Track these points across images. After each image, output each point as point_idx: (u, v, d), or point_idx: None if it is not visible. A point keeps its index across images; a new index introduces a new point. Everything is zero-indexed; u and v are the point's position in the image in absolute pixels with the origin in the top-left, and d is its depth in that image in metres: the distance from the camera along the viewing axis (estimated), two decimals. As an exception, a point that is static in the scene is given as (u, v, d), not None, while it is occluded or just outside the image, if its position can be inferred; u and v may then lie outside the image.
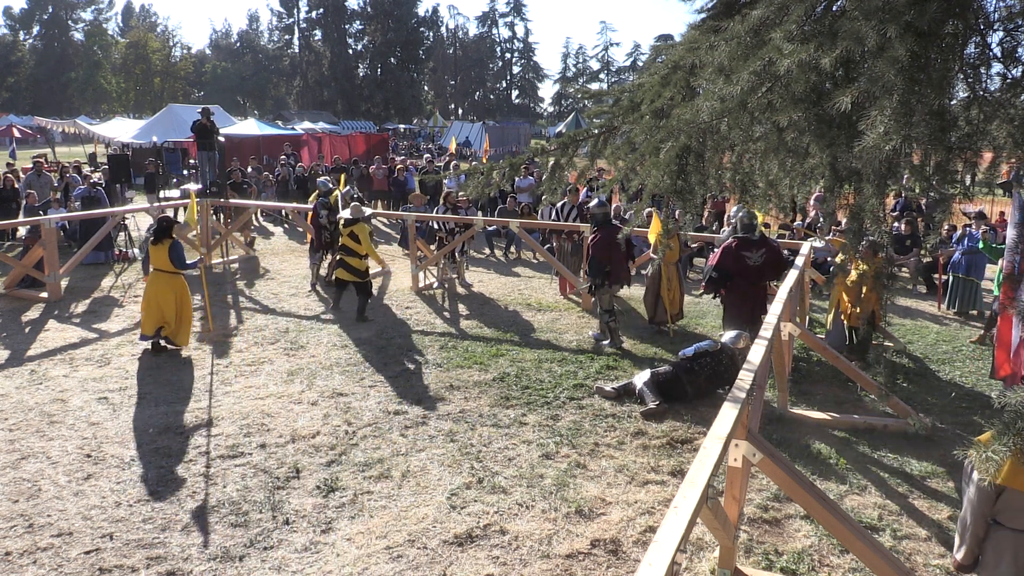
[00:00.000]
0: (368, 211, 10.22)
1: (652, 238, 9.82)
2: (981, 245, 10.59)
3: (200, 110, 16.09)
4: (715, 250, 8.53)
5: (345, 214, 10.04)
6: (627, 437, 6.26)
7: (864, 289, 7.95)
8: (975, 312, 10.60)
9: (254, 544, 4.65)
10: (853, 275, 7.90)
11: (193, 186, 16.42)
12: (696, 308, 10.59)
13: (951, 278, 10.81)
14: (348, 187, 12.34)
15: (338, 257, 10.08)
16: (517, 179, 16.66)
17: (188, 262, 8.40)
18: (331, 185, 12.37)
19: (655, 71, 4.40)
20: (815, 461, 5.86)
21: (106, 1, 78.92)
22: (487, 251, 14.89)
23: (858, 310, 8.11)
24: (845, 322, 8.37)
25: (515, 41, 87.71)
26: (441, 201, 13.17)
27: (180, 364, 7.95)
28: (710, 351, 7.19)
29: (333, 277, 10.66)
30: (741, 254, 8.04)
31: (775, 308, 5.75)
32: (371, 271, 12.15)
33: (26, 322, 9.47)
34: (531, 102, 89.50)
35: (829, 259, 11.41)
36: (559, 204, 12.06)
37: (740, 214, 8.26)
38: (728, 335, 7.48)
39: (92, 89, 72.54)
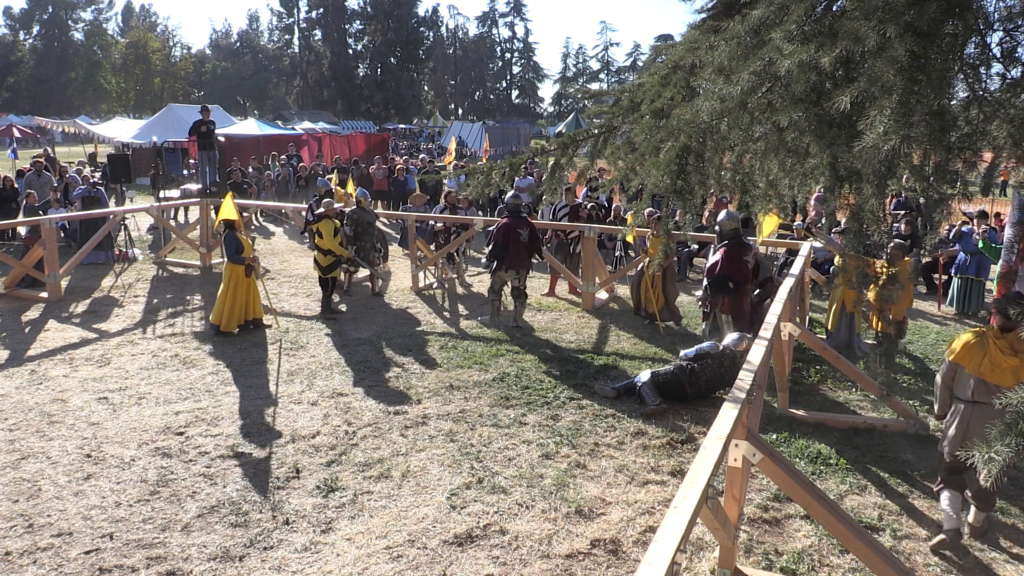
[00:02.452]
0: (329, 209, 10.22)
1: (650, 246, 9.81)
2: (980, 245, 10.59)
3: (200, 108, 16.14)
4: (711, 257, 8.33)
5: (320, 210, 10.19)
6: (627, 437, 6.26)
7: (874, 294, 7.84)
8: (980, 312, 10.59)
9: (254, 544, 4.65)
10: (883, 277, 7.74)
11: (193, 186, 16.46)
12: (695, 308, 10.57)
13: (959, 280, 10.76)
14: (360, 188, 12.33)
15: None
16: (517, 179, 16.65)
17: (237, 255, 8.99)
18: (331, 185, 12.38)
19: (655, 71, 4.41)
20: (815, 461, 5.86)
21: (106, 1, 79.09)
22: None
23: (877, 317, 8.06)
24: (875, 329, 8.31)
25: (515, 41, 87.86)
26: (441, 200, 13.19)
27: (180, 364, 7.95)
28: (711, 352, 7.18)
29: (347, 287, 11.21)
30: (745, 260, 7.96)
31: (775, 308, 5.75)
32: (361, 270, 12.17)
33: (26, 322, 9.48)
34: (531, 102, 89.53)
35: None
36: (557, 204, 12.07)
37: (723, 218, 8.06)
38: (730, 337, 7.47)
39: (92, 89, 72.54)
